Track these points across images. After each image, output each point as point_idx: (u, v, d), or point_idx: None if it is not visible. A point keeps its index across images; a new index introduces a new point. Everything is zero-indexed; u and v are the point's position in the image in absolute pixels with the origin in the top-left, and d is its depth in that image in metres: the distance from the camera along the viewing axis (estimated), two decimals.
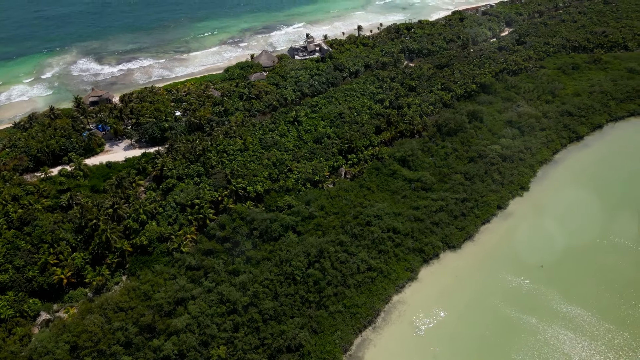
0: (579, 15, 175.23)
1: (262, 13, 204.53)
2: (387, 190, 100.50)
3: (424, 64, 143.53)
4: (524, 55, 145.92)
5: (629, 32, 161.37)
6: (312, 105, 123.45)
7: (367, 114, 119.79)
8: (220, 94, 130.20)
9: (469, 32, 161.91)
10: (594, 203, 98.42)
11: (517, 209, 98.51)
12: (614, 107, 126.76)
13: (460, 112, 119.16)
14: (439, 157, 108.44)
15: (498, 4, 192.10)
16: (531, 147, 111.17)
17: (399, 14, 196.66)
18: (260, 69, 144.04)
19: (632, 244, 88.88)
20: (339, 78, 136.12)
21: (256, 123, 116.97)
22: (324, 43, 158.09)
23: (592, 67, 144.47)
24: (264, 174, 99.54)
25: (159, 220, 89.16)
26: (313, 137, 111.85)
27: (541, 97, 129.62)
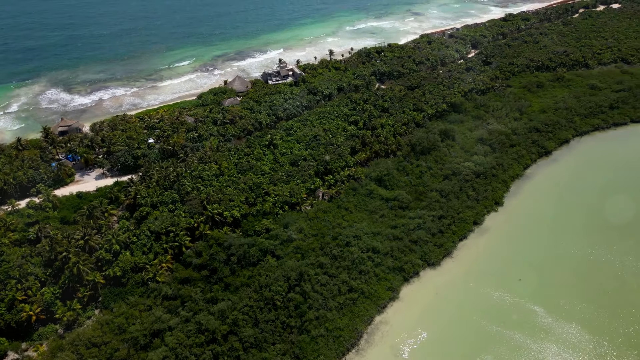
0: (541, 36, 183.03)
1: (235, 40, 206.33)
2: (365, 210, 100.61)
3: (395, 85, 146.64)
4: (490, 75, 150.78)
5: (588, 50, 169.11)
6: (287, 129, 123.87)
7: (342, 135, 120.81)
8: (194, 119, 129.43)
9: (437, 54, 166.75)
10: (567, 215, 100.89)
11: (493, 224, 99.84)
12: (578, 122, 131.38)
13: (432, 131, 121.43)
14: (414, 176, 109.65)
15: (463, 27, 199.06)
16: (503, 163, 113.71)
17: (369, 38, 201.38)
18: (234, 94, 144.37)
19: (606, 253, 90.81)
20: (313, 101, 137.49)
21: (231, 148, 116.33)
22: (297, 68, 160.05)
23: (555, 84, 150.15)
24: (241, 199, 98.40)
25: (133, 250, 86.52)
26: (289, 160, 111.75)
27: (509, 114, 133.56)
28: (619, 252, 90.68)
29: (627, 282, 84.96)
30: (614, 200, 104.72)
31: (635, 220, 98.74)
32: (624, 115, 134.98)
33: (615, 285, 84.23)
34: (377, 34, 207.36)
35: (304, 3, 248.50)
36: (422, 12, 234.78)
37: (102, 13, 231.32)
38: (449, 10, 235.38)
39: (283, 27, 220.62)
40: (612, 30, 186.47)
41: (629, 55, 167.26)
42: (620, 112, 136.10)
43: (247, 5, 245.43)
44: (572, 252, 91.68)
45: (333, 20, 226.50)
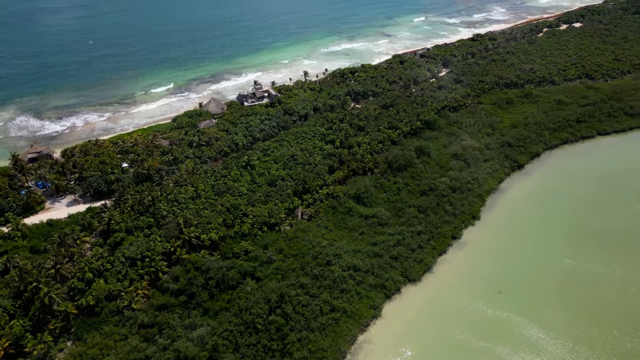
0: (508, 54, 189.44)
1: (210, 64, 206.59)
2: (344, 228, 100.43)
3: (370, 104, 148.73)
4: (462, 92, 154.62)
5: (554, 67, 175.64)
6: (264, 149, 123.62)
7: (319, 154, 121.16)
8: (169, 143, 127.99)
9: (409, 74, 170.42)
10: (542, 227, 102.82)
11: (471, 238, 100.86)
12: (548, 136, 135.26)
13: (408, 148, 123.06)
14: (392, 193, 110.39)
15: (434, 47, 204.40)
16: (478, 177, 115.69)
17: (342, 60, 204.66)
18: (210, 116, 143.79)
19: (581, 263, 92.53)
20: (289, 122, 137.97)
21: (208, 170, 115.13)
22: (272, 89, 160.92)
23: (524, 101, 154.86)
24: (218, 221, 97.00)
25: (107, 277, 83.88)
26: (267, 180, 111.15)
27: (482, 130, 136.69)
28: (594, 261, 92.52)
29: (603, 290, 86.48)
30: (586, 211, 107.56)
31: (607, 230, 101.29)
32: (590, 129, 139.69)
33: (592, 294, 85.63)
34: (350, 55, 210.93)
35: (278, 27, 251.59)
36: (394, 33, 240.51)
37: (75, 40, 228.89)
38: (420, 32, 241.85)
39: (258, 50, 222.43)
40: (575, 47, 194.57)
41: (593, 71, 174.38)
42: (587, 125, 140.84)
43: (221, 30, 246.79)
44: (549, 262, 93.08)
45: (307, 43, 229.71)
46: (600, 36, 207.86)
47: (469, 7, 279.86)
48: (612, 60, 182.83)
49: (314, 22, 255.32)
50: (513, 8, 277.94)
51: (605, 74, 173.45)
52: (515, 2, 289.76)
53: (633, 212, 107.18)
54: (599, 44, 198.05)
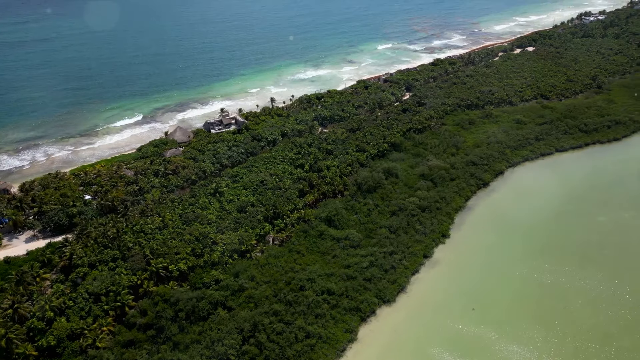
0: (467, 77, 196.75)
1: (174, 92, 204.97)
2: (317, 252, 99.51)
3: (337, 128, 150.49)
4: (426, 115, 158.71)
5: (511, 89, 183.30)
6: (233, 176, 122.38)
7: (289, 179, 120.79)
8: (134, 173, 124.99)
9: (374, 98, 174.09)
10: (510, 242, 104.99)
11: (442, 256, 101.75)
12: (510, 154, 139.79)
13: (376, 170, 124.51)
14: (362, 214, 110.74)
15: (396, 72, 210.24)
16: (445, 196, 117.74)
17: (308, 86, 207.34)
18: (176, 144, 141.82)
19: (549, 275, 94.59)
20: (258, 147, 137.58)
21: (175, 199, 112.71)
22: (240, 116, 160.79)
23: (485, 121, 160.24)
24: (187, 250, 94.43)
25: (69, 315, 79.71)
26: (236, 207, 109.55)
27: (446, 150, 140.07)
28: (560, 273, 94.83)
29: (572, 302, 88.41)
30: (550, 225, 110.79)
31: (571, 242, 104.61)
32: (549, 146, 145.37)
33: (562, 306, 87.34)
34: (316, 82, 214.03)
35: (244, 57, 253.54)
36: (357, 60, 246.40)
37: (33, 76, 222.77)
38: (382, 58, 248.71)
39: (224, 79, 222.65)
40: (529, 70, 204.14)
41: (547, 91, 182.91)
42: (545, 143, 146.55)
43: (187, 61, 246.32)
44: (518, 277, 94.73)
45: (273, 71, 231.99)
46: (552, 59, 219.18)
47: (429, 34, 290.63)
48: (565, 80, 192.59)
49: (279, 52, 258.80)
50: (470, 34, 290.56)
51: (559, 93, 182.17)
52: (472, 29, 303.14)
53: (594, 224, 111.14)
54: (551, 66, 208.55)
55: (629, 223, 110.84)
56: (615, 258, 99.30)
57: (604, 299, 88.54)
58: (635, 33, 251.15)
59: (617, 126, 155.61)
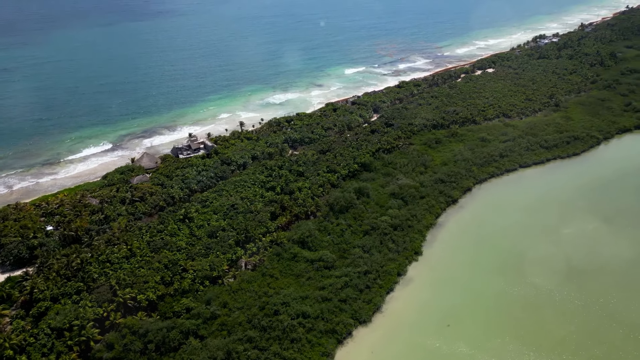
0: (432, 98, 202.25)
1: (141, 119, 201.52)
2: (290, 275, 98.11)
3: (307, 150, 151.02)
4: (394, 135, 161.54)
5: (474, 109, 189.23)
6: (203, 201, 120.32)
7: (260, 202, 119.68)
8: (99, 201, 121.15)
9: (343, 120, 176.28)
10: (481, 257, 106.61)
11: (416, 274, 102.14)
12: (476, 171, 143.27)
13: (348, 190, 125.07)
14: (335, 235, 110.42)
15: (364, 95, 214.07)
16: (416, 214, 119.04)
17: (278, 109, 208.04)
18: (143, 171, 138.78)
19: (520, 288, 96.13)
20: (227, 171, 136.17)
21: (142, 226, 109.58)
22: (208, 140, 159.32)
23: (451, 140, 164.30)
24: (156, 279, 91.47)
25: (30, 353, 75.34)
26: (207, 232, 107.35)
27: (415, 169, 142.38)
28: (530, 286, 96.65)
29: (543, 313, 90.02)
30: (518, 239, 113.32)
31: (538, 255, 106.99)
32: (513, 162, 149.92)
33: (534, 318, 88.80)
34: (285, 106, 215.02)
35: (213, 83, 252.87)
36: (325, 83, 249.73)
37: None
38: (349, 81, 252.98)
39: (192, 104, 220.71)
40: (490, 90, 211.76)
41: (508, 110, 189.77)
42: (509, 159, 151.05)
43: (154, 87, 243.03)
44: (490, 291, 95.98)
45: (242, 96, 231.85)
46: (511, 79, 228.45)
47: (394, 58, 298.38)
48: (524, 100, 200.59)
49: (248, 77, 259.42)
50: (433, 57, 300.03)
51: (519, 112, 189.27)
52: (435, 53, 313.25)
53: (560, 236, 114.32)
54: (511, 86, 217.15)
55: (593, 235, 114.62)
56: (582, 269, 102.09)
57: (575, 310, 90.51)
58: (587, 54, 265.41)
59: (575, 142, 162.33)
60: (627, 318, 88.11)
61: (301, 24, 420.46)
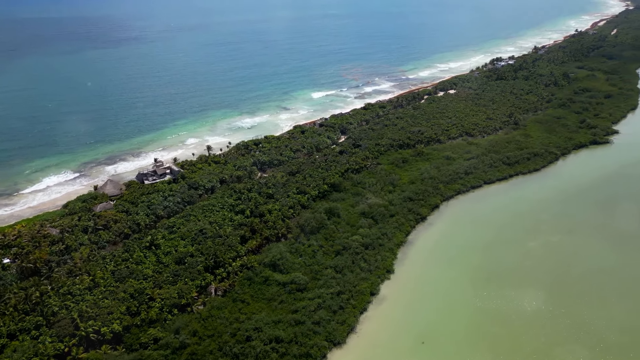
0: (397, 119, 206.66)
1: (105, 146, 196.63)
2: (262, 299, 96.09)
3: (276, 172, 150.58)
4: (362, 155, 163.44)
5: (438, 128, 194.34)
6: (169, 226, 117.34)
7: (229, 225, 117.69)
8: (59, 231, 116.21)
9: (311, 142, 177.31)
10: (451, 273, 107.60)
11: (389, 292, 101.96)
12: (443, 188, 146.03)
13: (318, 211, 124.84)
14: (307, 256, 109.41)
15: (331, 117, 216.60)
16: (387, 232, 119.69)
17: (245, 133, 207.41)
18: (106, 198, 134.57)
19: (490, 302, 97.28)
20: (195, 196, 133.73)
21: (106, 255, 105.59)
22: (175, 165, 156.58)
23: (417, 159, 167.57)
24: (121, 310, 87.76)
25: None
26: (174, 259, 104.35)
27: (384, 188, 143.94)
28: (500, 299, 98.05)
29: (514, 325, 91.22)
30: (486, 253, 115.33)
31: (506, 269, 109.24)
32: (477, 179, 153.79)
33: (505, 332, 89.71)
34: (253, 129, 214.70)
35: (178, 108, 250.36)
36: (292, 107, 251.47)
37: None
38: (316, 104, 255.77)
39: (157, 129, 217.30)
40: (453, 110, 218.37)
41: (471, 129, 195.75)
42: (474, 176, 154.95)
43: (117, 113, 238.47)
44: (462, 306, 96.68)
45: (208, 119, 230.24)
46: (472, 100, 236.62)
47: (359, 81, 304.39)
48: (485, 119, 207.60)
49: (215, 103, 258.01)
50: (397, 80, 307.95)
51: (481, 131, 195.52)
52: (399, 76, 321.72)
53: (526, 249, 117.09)
54: (472, 106, 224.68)
55: (557, 246, 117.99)
56: (549, 280, 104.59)
57: (544, 321, 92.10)
58: (541, 75, 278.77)
59: (535, 158, 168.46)
60: (594, 327, 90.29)
61: (269, 50, 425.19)
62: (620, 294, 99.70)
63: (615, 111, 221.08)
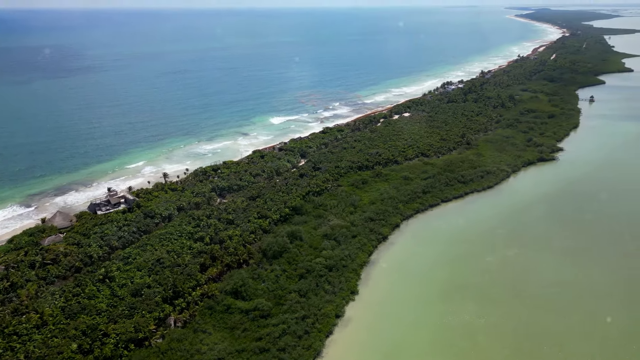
0: (355, 142, 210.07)
1: (54, 176, 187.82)
2: (225, 329, 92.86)
3: (236, 198, 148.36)
4: (322, 178, 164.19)
5: (395, 150, 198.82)
6: (125, 257, 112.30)
7: (188, 254, 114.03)
8: (4, 267, 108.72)
9: (271, 166, 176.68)
10: (414, 290, 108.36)
11: (354, 314, 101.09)
12: (402, 208, 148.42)
13: (280, 234, 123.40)
14: (270, 281, 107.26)
15: (290, 141, 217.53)
16: (350, 253, 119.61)
17: (203, 159, 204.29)
18: (56, 231, 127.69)
19: (454, 317, 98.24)
20: (151, 225, 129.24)
21: (56, 291, 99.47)
22: (129, 194, 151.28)
23: (377, 180, 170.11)
24: (72, 348, 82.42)
25: None
26: (130, 291, 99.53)
27: (345, 209, 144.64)
28: (464, 313, 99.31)
29: (478, 339, 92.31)
30: (447, 270, 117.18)
31: (467, 284, 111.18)
32: (435, 198, 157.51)
33: (471, 345, 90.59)
34: (211, 155, 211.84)
35: (133, 135, 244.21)
36: (250, 132, 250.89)
37: None
38: (275, 129, 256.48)
39: (111, 159, 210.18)
40: (408, 132, 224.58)
41: (426, 150, 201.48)
42: (432, 195, 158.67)
43: (68, 146, 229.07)
44: (428, 323, 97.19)
45: (165, 147, 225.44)
46: (426, 122, 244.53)
47: (317, 107, 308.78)
48: (439, 140, 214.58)
49: (172, 131, 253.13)
50: (354, 105, 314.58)
51: (436, 151, 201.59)
52: (355, 100, 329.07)
53: (484, 264, 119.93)
54: (426, 128, 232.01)
55: (514, 260, 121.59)
56: (508, 293, 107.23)
57: (506, 333, 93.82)
58: (489, 97, 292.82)
59: (488, 175, 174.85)
60: (553, 337, 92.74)
61: (227, 77, 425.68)
62: (574, 304, 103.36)
63: (558, 130, 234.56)
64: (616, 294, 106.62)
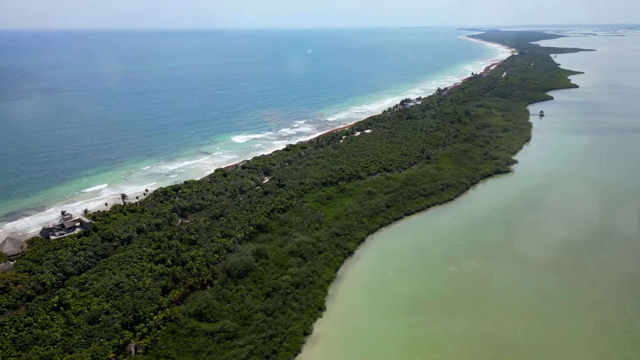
0: (319, 159, 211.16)
1: (3, 201, 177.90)
2: (189, 353, 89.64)
3: (199, 217, 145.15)
4: (286, 195, 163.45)
5: (358, 165, 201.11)
6: (81, 283, 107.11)
7: (149, 277, 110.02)
8: None
9: (234, 184, 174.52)
10: (382, 304, 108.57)
11: (322, 330, 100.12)
12: (367, 222, 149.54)
13: (245, 253, 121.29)
14: (236, 302, 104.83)
15: (253, 159, 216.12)
16: (316, 269, 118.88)
17: (164, 179, 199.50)
18: (5, 258, 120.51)
19: (422, 330, 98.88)
20: (109, 248, 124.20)
21: (5, 321, 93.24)
22: (85, 217, 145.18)
23: (341, 195, 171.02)
24: None
25: None
26: (87, 318, 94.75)
27: (310, 225, 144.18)
28: (432, 325, 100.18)
29: (445, 349, 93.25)
30: (412, 282, 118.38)
31: (433, 295, 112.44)
32: (398, 211, 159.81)
33: (438, 356, 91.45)
34: (172, 175, 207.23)
35: (88, 156, 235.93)
36: (213, 151, 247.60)
37: None
38: (237, 148, 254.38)
39: (66, 182, 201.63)
40: (370, 148, 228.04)
41: (388, 165, 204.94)
42: (395, 209, 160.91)
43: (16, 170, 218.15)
44: (396, 335, 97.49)
45: (123, 168, 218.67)
46: (387, 138, 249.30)
47: (279, 124, 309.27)
48: (400, 155, 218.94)
49: (130, 151, 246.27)
50: (317, 122, 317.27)
51: (398, 166, 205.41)
52: (317, 118, 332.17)
53: (448, 275, 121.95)
54: (387, 144, 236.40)
55: (476, 270, 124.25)
56: (472, 302, 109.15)
57: (473, 342, 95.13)
58: (446, 113, 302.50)
59: (448, 188, 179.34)
60: (517, 344, 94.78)
61: (189, 97, 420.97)
62: (533, 310, 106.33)
63: (512, 143, 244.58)
64: (573, 300, 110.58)
